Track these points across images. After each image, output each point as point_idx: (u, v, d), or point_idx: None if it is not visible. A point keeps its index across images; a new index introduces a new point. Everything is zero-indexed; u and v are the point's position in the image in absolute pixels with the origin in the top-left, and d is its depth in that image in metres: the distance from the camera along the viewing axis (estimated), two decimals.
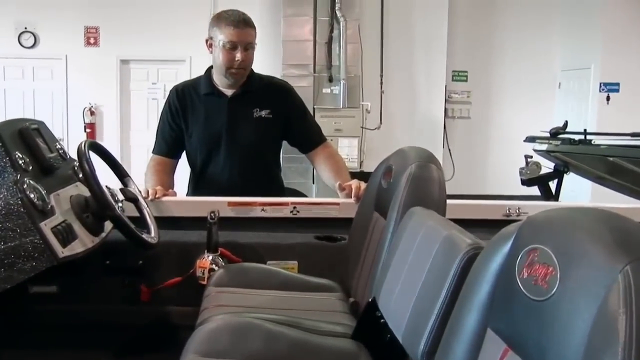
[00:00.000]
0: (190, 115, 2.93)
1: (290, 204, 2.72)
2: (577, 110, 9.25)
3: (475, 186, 9.28)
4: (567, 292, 0.97)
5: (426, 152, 2.13)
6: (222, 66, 2.83)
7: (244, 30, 2.77)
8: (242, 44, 2.78)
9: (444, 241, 1.51)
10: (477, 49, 9.66)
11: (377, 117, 8.62)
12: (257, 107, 2.88)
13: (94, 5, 8.87)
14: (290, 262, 2.61)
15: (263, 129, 2.89)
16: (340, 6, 8.09)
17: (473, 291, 1.21)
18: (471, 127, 9.76)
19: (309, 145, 3.02)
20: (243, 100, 2.89)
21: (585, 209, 1.07)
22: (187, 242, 2.58)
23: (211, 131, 2.89)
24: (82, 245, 2.04)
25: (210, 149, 2.91)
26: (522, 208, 2.70)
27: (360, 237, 2.33)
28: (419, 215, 1.79)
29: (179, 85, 3.05)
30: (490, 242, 1.22)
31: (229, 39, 2.76)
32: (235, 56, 2.78)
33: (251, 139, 2.87)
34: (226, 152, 2.88)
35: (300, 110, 3.03)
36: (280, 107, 2.92)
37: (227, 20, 2.79)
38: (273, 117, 2.89)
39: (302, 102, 3.07)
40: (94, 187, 2.07)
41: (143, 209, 2.41)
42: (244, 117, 2.87)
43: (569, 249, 1.00)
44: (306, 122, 3.04)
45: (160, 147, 3.03)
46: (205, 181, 2.96)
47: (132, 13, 8.83)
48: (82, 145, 2.14)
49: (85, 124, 9.04)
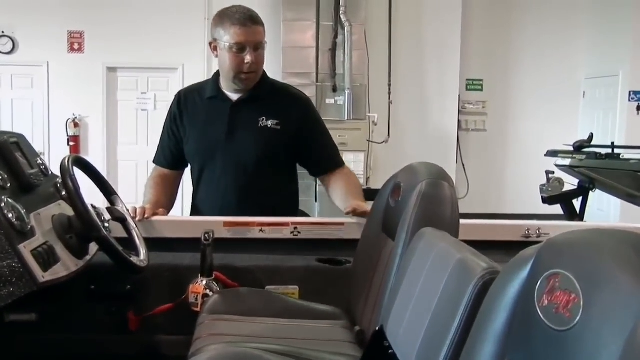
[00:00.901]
0: (189, 122, 2.89)
1: (291, 224, 2.72)
2: (603, 122, 9.25)
3: (492, 205, 9.28)
4: (591, 322, 0.97)
5: (438, 168, 2.14)
6: (230, 71, 2.74)
7: (252, 29, 2.67)
8: (250, 44, 2.68)
9: (457, 265, 1.51)
10: (493, 55, 9.68)
11: (385, 129, 8.64)
12: (264, 116, 2.78)
13: (79, 8, 8.89)
14: (291, 287, 2.61)
15: (267, 141, 2.78)
16: (344, 10, 8.13)
17: (489, 319, 1.21)
18: (487, 141, 9.77)
19: (322, 168, 2.93)
20: (248, 106, 2.81)
21: (611, 231, 1.07)
22: (179, 265, 2.58)
23: (208, 140, 2.84)
24: (64, 269, 2.04)
25: (205, 160, 2.86)
26: (542, 229, 2.69)
27: (367, 260, 2.33)
28: (430, 236, 1.79)
29: (183, 90, 3.02)
30: (507, 266, 1.22)
31: (236, 39, 2.66)
32: (245, 59, 2.68)
33: (251, 152, 2.79)
34: (222, 166, 2.81)
35: (315, 126, 2.91)
36: (291, 119, 2.82)
37: (232, 18, 2.68)
38: (281, 129, 2.79)
39: (319, 119, 2.97)
40: (79, 205, 2.07)
41: (131, 229, 2.41)
42: (246, 126, 2.79)
43: (593, 274, 1.00)
44: (321, 141, 2.92)
45: (159, 157, 3.03)
46: (199, 199, 2.95)
47: (120, 17, 8.85)
48: (65, 160, 2.14)
49: (68, 137, 9.05)
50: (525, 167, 9.25)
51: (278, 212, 2.80)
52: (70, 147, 8.99)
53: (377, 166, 8.20)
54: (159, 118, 9.61)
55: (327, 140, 2.95)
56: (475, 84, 9.71)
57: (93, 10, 8.88)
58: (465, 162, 9.48)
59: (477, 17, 9.49)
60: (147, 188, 2.97)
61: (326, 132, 2.97)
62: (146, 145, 8.99)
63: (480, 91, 9.74)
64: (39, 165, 2.35)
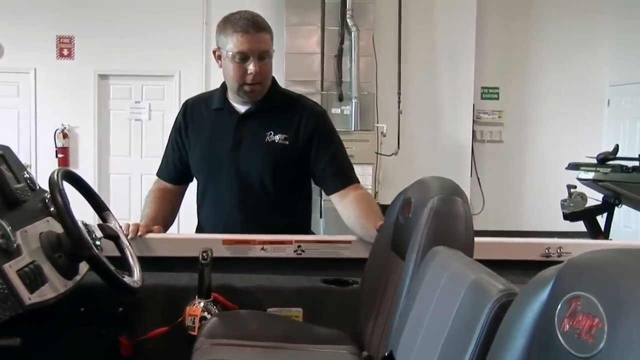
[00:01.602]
0: (194, 134, 2.89)
1: (294, 243, 2.72)
2: (629, 132, 9.22)
3: (509, 221, 9.26)
4: (616, 349, 0.96)
5: (450, 182, 2.14)
6: (233, 82, 2.73)
7: (256, 36, 2.65)
8: (254, 54, 2.66)
9: (471, 286, 1.51)
10: (510, 61, 9.68)
11: (394, 141, 8.65)
12: (271, 130, 2.77)
13: (68, 11, 8.93)
14: (294, 310, 2.61)
15: (274, 157, 2.77)
16: (351, 14, 8.16)
17: (506, 345, 1.21)
18: (504, 153, 9.76)
19: (334, 185, 2.82)
20: (256, 119, 2.81)
21: (637, 250, 1.07)
22: (175, 286, 2.59)
23: (213, 155, 2.84)
24: (53, 290, 2.04)
25: (210, 176, 2.88)
26: (564, 247, 2.69)
27: (375, 280, 2.33)
28: (443, 256, 1.79)
29: (191, 99, 3.02)
30: (526, 287, 1.22)
31: (239, 48, 2.65)
32: (248, 69, 2.67)
33: (257, 169, 2.79)
34: (227, 183, 2.82)
35: (328, 138, 2.85)
36: (300, 133, 2.79)
37: (235, 25, 2.66)
38: (290, 144, 2.77)
39: (333, 132, 2.91)
40: (68, 222, 2.08)
41: (125, 248, 2.41)
42: (253, 141, 2.79)
43: (618, 297, 0.99)
44: (333, 155, 2.84)
45: (162, 170, 3.04)
46: (203, 217, 2.96)
47: (112, 20, 8.88)
48: (54, 174, 2.15)
49: (57, 149, 9.07)
50: (544, 181, 9.25)
51: (287, 233, 2.78)
52: (58, 159, 9.01)
53: (386, 180, 8.20)
54: (154, 128, 9.66)
55: (340, 154, 2.88)
56: (490, 92, 9.71)
57: (83, 13, 8.91)
58: (480, 176, 9.47)
59: (493, 20, 9.50)
60: (147, 201, 2.97)
61: (341, 146, 2.90)
62: (140, 157, 9.02)
63: (496, 100, 9.73)
64: (26, 179, 2.36)
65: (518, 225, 9.29)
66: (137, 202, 8.45)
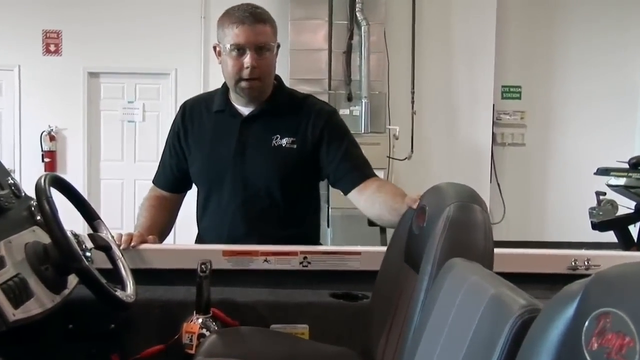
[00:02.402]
0: (194, 139, 2.90)
1: (300, 254, 2.72)
2: None
3: (532, 231, 9.26)
4: None
5: (468, 189, 2.14)
6: (230, 78, 2.74)
7: (252, 27, 2.65)
8: (250, 46, 2.66)
9: (491, 301, 1.51)
10: (534, 58, 9.67)
11: (408, 144, 8.66)
12: (278, 134, 2.78)
13: (56, 4, 8.96)
14: (300, 326, 2.61)
15: (280, 162, 2.78)
16: (361, 7, 8.17)
17: None
18: (526, 157, 9.75)
19: (351, 181, 2.79)
20: (261, 122, 2.82)
21: None
22: (172, 300, 2.59)
23: (214, 161, 2.85)
24: (39, 306, 2.04)
25: (211, 185, 2.88)
26: (592, 260, 2.68)
27: (387, 295, 2.33)
28: (460, 268, 1.79)
29: (189, 100, 3.03)
30: (550, 303, 1.22)
31: (234, 40, 2.66)
32: (244, 63, 2.68)
33: (262, 175, 2.80)
34: (230, 191, 2.82)
35: (339, 136, 2.84)
36: (309, 135, 2.79)
37: (232, 17, 2.68)
38: (297, 147, 2.78)
39: (346, 130, 2.91)
40: (56, 232, 2.08)
41: (117, 259, 2.42)
42: (258, 145, 2.80)
43: None
44: (347, 152, 2.82)
45: (159, 176, 3.05)
46: (204, 227, 2.97)
47: (103, 14, 8.91)
48: (41, 180, 2.16)
49: (43, 153, 9.09)
50: (571, 187, 9.23)
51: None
52: (45, 163, 9.03)
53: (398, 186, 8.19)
54: (148, 131, 9.69)
55: (355, 150, 2.87)
56: (512, 91, 9.70)
57: (72, 6, 8.93)
58: (500, 182, 9.46)
59: (515, 14, 9.49)
60: (141, 210, 2.98)
61: (354, 143, 2.90)
62: (133, 161, 9.04)
63: (518, 99, 9.72)
64: (10, 185, 2.37)
65: (542, 235, 9.28)
66: (130, 210, 8.47)
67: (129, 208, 8.58)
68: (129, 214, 8.48)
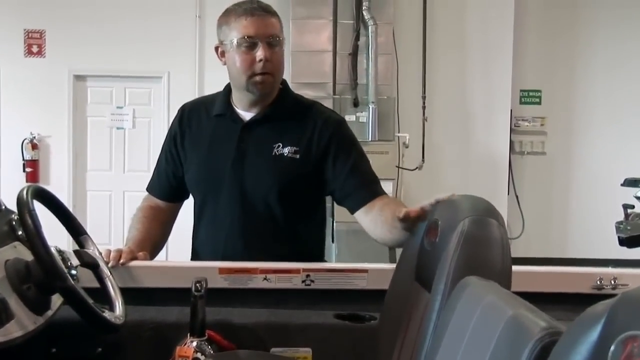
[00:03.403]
0: (191, 144, 2.90)
1: (303, 272, 2.72)
2: None
3: (553, 247, 9.25)
4: None
5: (484, 202, 2.14)
6: (240, 75, 2.72)
7: (262, 19, 2.67)
8: (262, 38, 2.66)
9: (509, 323, 1.52)
10: (554, 61, 9.67)
11: (418, 153, 8.68)
12: (280, 142, 2.77)
13: (38, 2, 8.97)
14: (302, 350, 2.60)
15: (281, 173, 2.77)
16: (368, 5, 8.19)
17: None
18: (547, 166, 9.75)
19: (357, 199, 2.77)
20: (263, 128, 2.81)
21: None
22: (164, 322, 2.59)
23: (212, 168, 2.84)
24: (20, 328, 2.04)
25: (207, 194, 2.88)
26: (619, 278, 2.67)
27: (397, 316, 2.33)
28: (475, 287, 1.79)
29: (188, 103, 3.03)
30: (572, 325, 1.22)
31: (244, 32, 2.66)
32: (256, 56, 2.66)
33: (261, 186, 2.79)
34: (227, 202, 2.82)
35: (347, 149, 2.82)
36: (313, 146, 2.78)
37: (238, 10, 2.69)
38: (300, 158, 2.76)
39: (354, 142, 2.90)
40: (39, 248, 2.08)
41: (105, 277, 2.42)
42: (258, 153, 2.79)
43: None
44: (354, 167, 2.80)
45: (153, 184, 3.06)
46: (199, 241, 2.97)
47: (90, 12, 8.92)
48: (23, 192, 2.16)
49: (24, 162, 9.09)
50: (596, 200, 9.22)
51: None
52: (27, 174, 9.04)
53: (408, 198, 8.19)
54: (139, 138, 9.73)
55: (363, 165, 2.86)
56: (531, 95, 9.70)
57: (56, 4, 8.96)
58: (519, 194, 9.46)
59: (534, 12, 9.51)
60: (133, 221, 2.97)
61: (364, 157, 2.88)
62: (122, 172, 9.05)
63: (537, 105, 9.72)
64: None
65: (564, 251, 9.27)
66: (118, 224, 8.49)
67: (117, 222, 8.60)
68: (118, 228, 8.50)
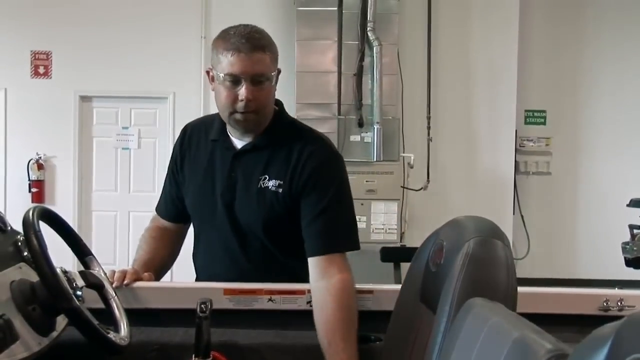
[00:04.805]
0: (189, 168, 2.87)
1: (307, 292, 2.71)
2: None
3: (559, 268, 9.21)
4: None
5: (489, 223, 2.14)
6: (223, 109, 2.65)
7: (248, 56, 2.54)
8: (246, 76, 2.55)
9: (514, 345, 1.51)
10: (560, 80, 9.66)
11: (423, 173, 8.65)
12: (267, 174, 2.69)
13: (45, 23, 8.98)
14: None
15: (265, 207, 2.69)
16: (373, 26, 8.17)
17: None
18: (552, 186, 9.72)
19: (311, 246, 2.65)
20: (252, 159, 2.74)
21: None
22: (168, 343, 2.59)
23: (205, 195, 2.81)
24: (25, 349, 2.04)
25: (202, 222, 2.87)
26: (626, 300, 2.67)
27: (402, 337, 2.32)
28: (480, 309, 1.79)
29: (191, 123, 2.99)
30: (579, 348, 1.22)
31: (229, 70, 2.55)
32: (239, 95, 2.57)
33: (248, 220, 2.73)
34: (219, 232, 2.80)
35: (324, 189, 2.67)
36: (295, 179, 2.67)
37: (227, 42, 2.57)
38: (283, 192, 2.67)
39: (333, 183, 2.71)
40: (45, 269, 2.08)
41: (110, 298, 2.42)
42: (246, 185, 2.72)
43: None
44: (324, 211, 2.65)
45: (160, 205, 3.05)
46: (198, 265, 2.97)
47: (96, 34, 8.93)
48: (29, 213, 2.16)
49: (30, 182, 9.07)
50: (602, 220, 9.19)
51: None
52: (32, 194, 9.01)
53: (413, 219, 8.19)
54: (144, 159, 9.70)
55: (334, 212, 2.68)
56: (536, 116, 9.68)
57: (63, 26, 8.96)
58: (524, 214, 9.43)
59: (539, 32, 9.49)
60: (141, 242, 2.98)
61: (342, 202, 2.71)
62: (128, 192, 9.03)
63: (542, 125, 9.69)
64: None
65: (570, 272, 9.22)
66: (124, 245, 8.47)
67: (122, 242, 8.57)
68: (123, 248, 8.47)
